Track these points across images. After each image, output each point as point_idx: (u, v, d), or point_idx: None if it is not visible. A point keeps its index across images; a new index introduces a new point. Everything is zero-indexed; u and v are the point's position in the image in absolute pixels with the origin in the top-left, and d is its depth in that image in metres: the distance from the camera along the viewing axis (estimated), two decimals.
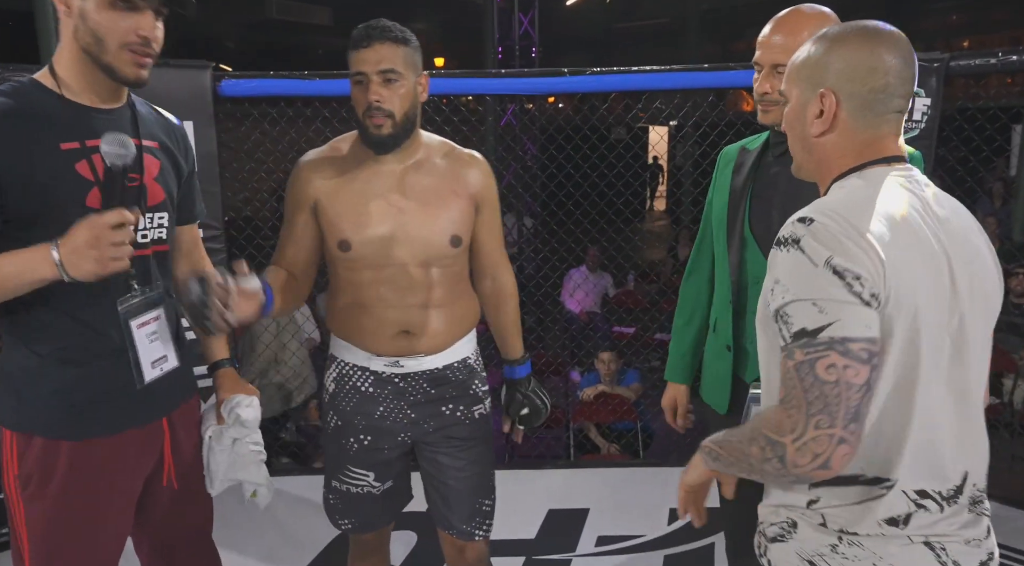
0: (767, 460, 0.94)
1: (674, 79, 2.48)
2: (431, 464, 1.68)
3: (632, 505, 2.59)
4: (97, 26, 1.17)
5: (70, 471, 1.26)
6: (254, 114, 2.83)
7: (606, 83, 2.50)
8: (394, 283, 1.54)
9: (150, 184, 1.32)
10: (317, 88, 2.52)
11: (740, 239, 1.53)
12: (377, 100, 1.45)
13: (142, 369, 1.30)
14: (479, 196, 1.61)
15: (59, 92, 1.23)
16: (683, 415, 1.82)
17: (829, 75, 1.01)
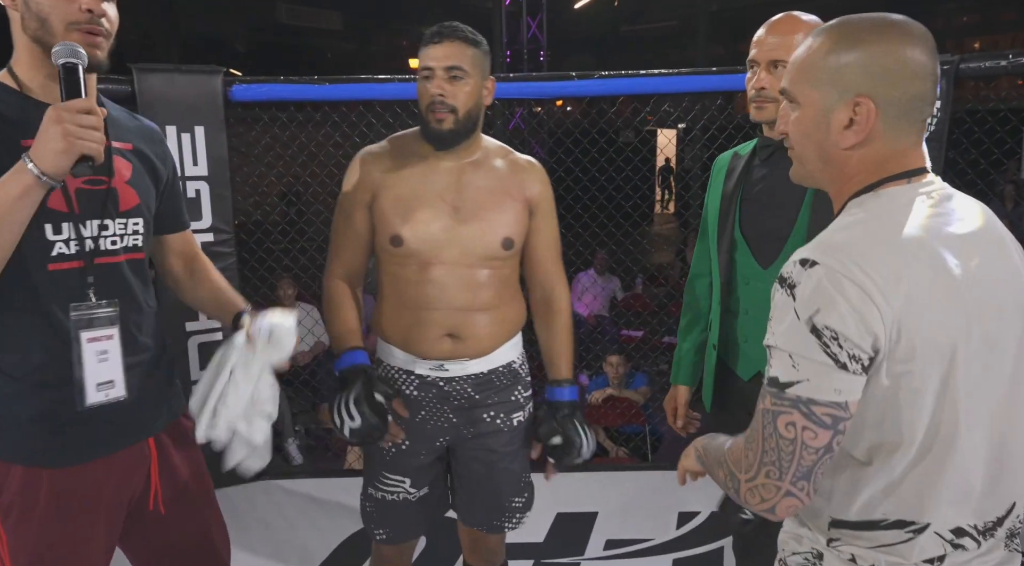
0: (728, 487, 0.97)
1: (683, 82, 2.48)
2: (464, 466, 1.68)
3: (641, 509, 2.58)
4: (39, 8, 1.13)
5: (53, 499, 1.20)
6: (264, 119, 2.85)
7: (614, 87, 2.51)
8: (442, 283, 1.53)
9: (121, 187, 1.26)
10: (327, 93, 2.53)
11: (730, 240, 1.57)
12: (441, 94, 1.47)
13: (85, 390, 1.19)
14: (534, 201, 1.60)
15: (18, 90, 1.18)
16: (682, 416, 1.82)
17: (864, 79, 0.89)
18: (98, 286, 1.21)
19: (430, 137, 1.52)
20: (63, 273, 1.18)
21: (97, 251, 1.21)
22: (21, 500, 1.19)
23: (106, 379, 1.21)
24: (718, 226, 1.61)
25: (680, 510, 2.57)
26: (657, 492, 2.68)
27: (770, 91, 1.47)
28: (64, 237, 1.18)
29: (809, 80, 0.93)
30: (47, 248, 1.17)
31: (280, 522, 2.51)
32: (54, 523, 1.20)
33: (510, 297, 1.62)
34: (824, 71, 0.92)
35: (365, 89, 2.59)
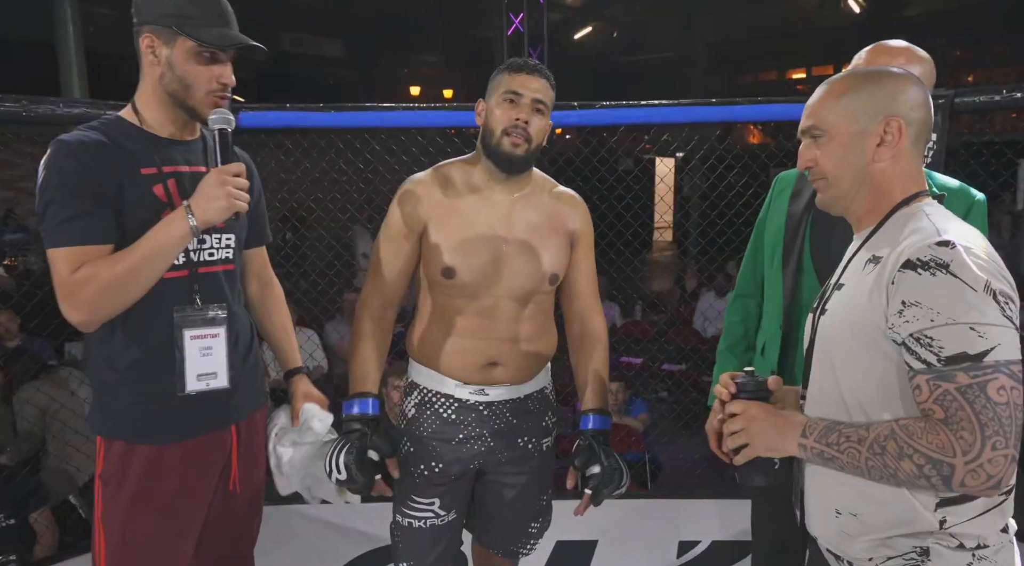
0: (923, 477, 0.95)
1: (682, 113, 2.51)
2: (488, 489, 1.69)
3: (641, 537, 2.56)
4: (185, 75, 1.34)
5: (145, 473, 1.38)
6: (269, 145, 2.88)
7: (615, 117, 2.55)
8: (489, 314, 1.56)
9: None
10: (332, 120, 2.57)
11: (797, 265, 1.53)
12: (526, 120, 1.51)
13: (185, 379, 1.38)
14: (576, 236, 1.64)
15: (140, 126, 1.38)
16: None
17: (892, 103, 1.07)
18: (202, 292, 1.41)
19: (499, 159, 1.53)
20: (172, 281, 1.37)
21: (199, 262, 1.41)
22: (118, 473, 1.38)
23: (208, 371, 1.41)
24: (783, 249, 1.56)
25: (680, 539, 2.55)
26: (657, 521, 2.66)
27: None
28: None
29: (835, 111, 1.10)
30: None
31: (277, 547, 2.49)
32: (144, 494, 1.38)
33: (548, 329, 1.67)
34: (852, 102, 1.09)
35: (369, 117, 2.62)
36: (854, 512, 1.06)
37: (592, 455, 1.57)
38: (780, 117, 2.52)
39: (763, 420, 1.10)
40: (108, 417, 1.39)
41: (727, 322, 1.78)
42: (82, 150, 1.29)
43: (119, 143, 1.34)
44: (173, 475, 1.40)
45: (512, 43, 7.65)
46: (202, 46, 1.32)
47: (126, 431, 1.38)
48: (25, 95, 2.18)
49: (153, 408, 1.38)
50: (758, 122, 2.49)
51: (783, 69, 15.96)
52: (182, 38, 1.32)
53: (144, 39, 1.34)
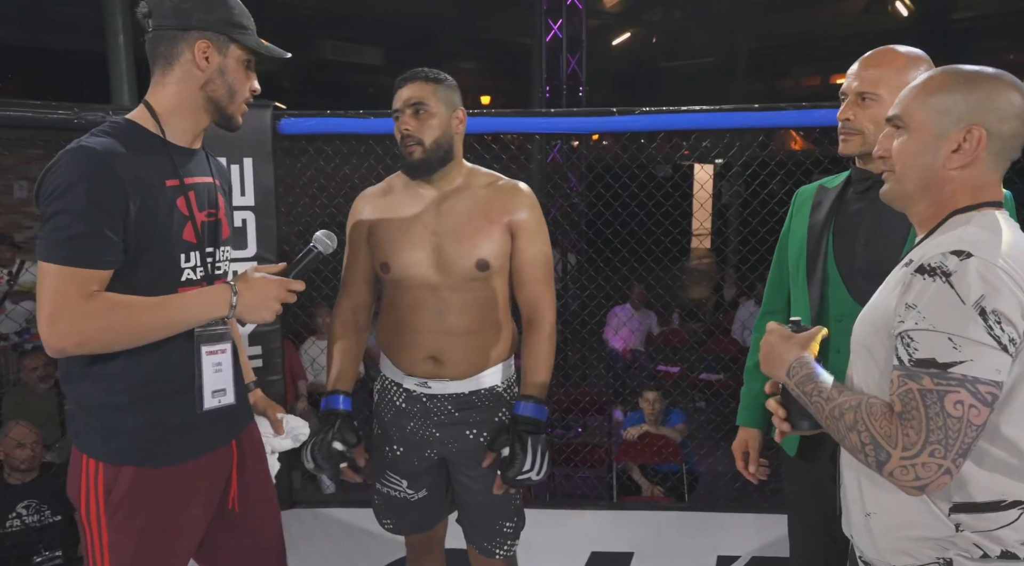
0: (861, 452, 0.99)
1: (724, 119, 2.48)
2: (456, 481, 1.78)
3: (678, 550, 2.52)
4: (233, 82, 1.34)
5: (158, 495, 1.32)
6: (310, 151, 2.91)
7: (655, 122, 2.52)
8: (426, 306, 1.64)
9: (223, 219, 1.43)
10: (372, 126, 2.59)
11: (822, 276, 1.51)
12: (407, 129, 1.60)
13: (203, 396, 1.35)
14: (515, 224, 1.66)
15: (160, 134, 1.32)
16: (755, 460, 1.70)
17: (979, 112, 1.04)
18: None
19: (405, 168, 1.67)
20: None
21: (211, 275, 1.39)
22: (129, 499, 1.30)
23: (220, 387, 1.38)
24: (807, 261, 1.55)
25: (719, 553, 2.49)
26: (695, 534, 2.61)
27: (855, 123, 1.44)
28: (192, 264, 1.34)
29: (924, 107, 1.07)
30: (179, 275, 1.32)
31: (312, 551, 2.51)
32: (155, 517, 1.32)
33: (492, 323, 1.68)
34: (942, 101, 1.05)
35: None
36: (876, 511, 1.09)
37: (506, 438, 1.62)
38: (825, 123, 2.46)
39: (776, 344, 1.17)
40: (114, 440, 1.30)
41: (754, 340, 1.74)
42: (111, 159, 1.20)
43: (143, 152, 1.27)
44: (183, 496, 1.35)
45: (550, 49, 7.63)
46: (252, 55, 1.35)
47: (136, 455, 1.30)
48: (77, 103, 2.24)
49: (169, 427, 1.33)
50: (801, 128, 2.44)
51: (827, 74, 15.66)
52: (236, 46, 1.32)
53: (200, 44, 1.29)
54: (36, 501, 2.80)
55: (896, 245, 1.44)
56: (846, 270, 1.49)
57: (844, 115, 1.46)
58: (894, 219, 1.43)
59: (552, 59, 7.54)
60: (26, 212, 10.17)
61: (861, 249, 1.47)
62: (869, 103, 1.43)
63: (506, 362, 1.73)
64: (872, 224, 1.46)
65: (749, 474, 1.72)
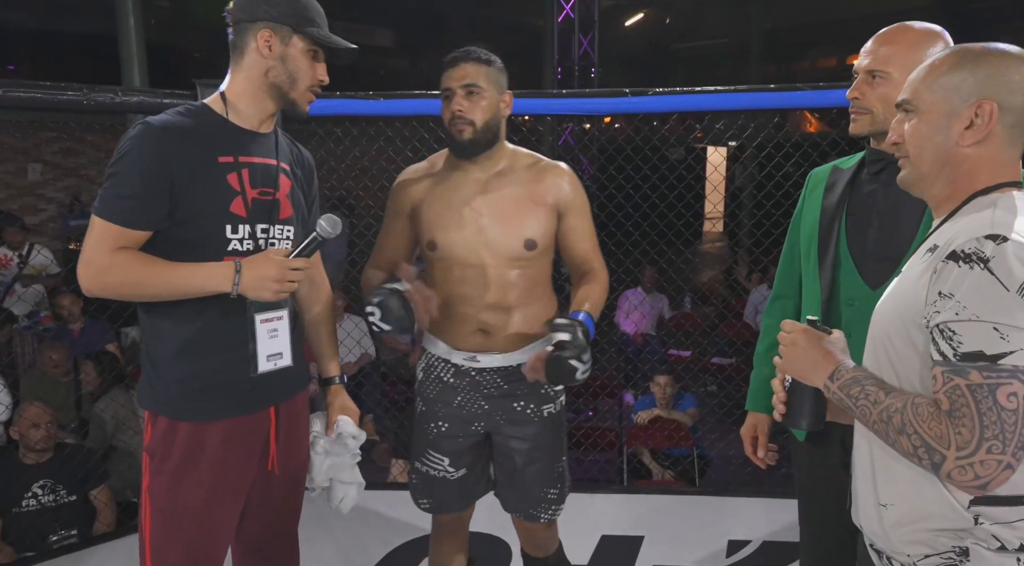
0: (915, 456, 0.96)
1: (739, 100, 2.43)
2: (501, 451, 1.80)
3: (689, 535, 2.51)
4: (296, 70, 1.42)
5: (187, 450, 1.42)
6: (319, 133, 2.90)
7: (669, 103, 2.48)
8: (474, 282, 1.67)
9: (282, 200, 1.49)
10: (381, 108, 2.57)
11: (834, 258, 1.49)
12: (459, 110, 1.63)
13: (258, 360, 1.43)
14: (561, 203, 1.71)
15: (225, 116, 1.44)
16: (763, 445, 1.70)
17: (989, 86, 1.01)
18: None
19: (453, 148, 1.68)
20: None
21: (261, 249, 1.44)
22: (162, 447, 1.43)
23: (275, 352, 1.46)
24: (819, 243, 1.52)
25: (730, 538, 2.49)
26: (706, 518, 2.61)
27: (864, 102, 1.41)
28: (240, 236, 1.42)
29: (932, 88, 1.05)
30: (225, 244, 1.40)
31: (323, 534, 2.52)
32: (186, 469, 1.43)
33: (539, 297, 1.73)
34: (949, 80, 1.03)
35: (417, 104, 2.62)
36: (891, 503, 1.06)
37: (567, 325, 1.56)
38: (841, 103, 2.41)
39: (805, 347, 1.12)
40: (154, 392, 1.44)
41: (764, 325, 1.74)
42: (163, 135, 1.35)
43: (203, 130, 1.40)
44: (213, 452, 1.44)
45: (563, 31, 7.54)
46: (316, 46, 1.43)
47: (170, 408, 1.43)
48: (86, 84, 2.23)
49: (196, 387, 1.42)
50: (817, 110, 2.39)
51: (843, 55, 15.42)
52: (298, 36, 1.41)
53: (262, 34, 1.40)
54: (52, 481, 2.83)
55: (910, 228, 1.41)
56: (858, 253, 1.46)
57: (853, 94, 1.43)
58: (908, 202, 1.39)
59: (564, 40, 7.45)
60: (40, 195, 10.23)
61: (874, 232, 1.45)
62: (879, 82, 1.40)
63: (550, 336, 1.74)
64: (886, 206, 1.43)
65: (757, 459, 1.71)
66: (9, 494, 2.77)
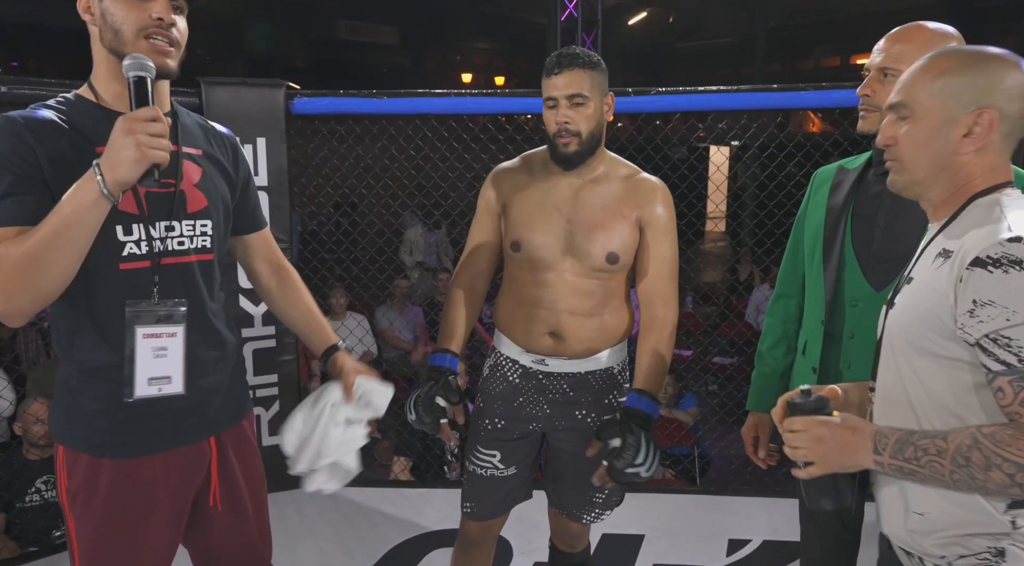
0: (1016, 486, 0.91)
1: (742, 99, 2.44)
2: (553, 452, 1.79)
3: (689, 533, 2.52)
4: (114, 19, 1.19)
5: (113, 488, 1.25)
6: (323, 131, 2.90)
7: (672, 103, 2.48)
8: (551, 287, 1.65)
9: (190, 190, 1.29)
10: (386, 106, 2.57)
11: (839, 259, 1.49)
12: (566, 122, 1.57)
13: (134, 383, 1.22)
14: (645, 220, 1.65)
15: (95, 101, 1.24)
16: (764, 446, 1.70)
17: (992, 95, 1.00)
18: (163, 285, 1.24)
19: (558, 160, 1.63)
20: (132, 272, 1.22)
21: (165, 252, 1.25)
22: (85, 488, 1.24)
23: (161, 374, 1.24)
24: (823, 243, 1.52)
25: (730, 537, 2.49)
26: (706, 517, 2.61)
27: (874, 99, 1.41)
28: (135, 238, 1.22)
29: (929, 92, 1.03)
30: (119, 248, 1.21)
31: (326, 530, 2.53)
32: (113, 511, 1.25)
33: (615, 308, 1.69)
34: (948, 85, 1.01)
35: (421, 103, 2.62)
36: (925, 511, 1.03)
37: (616, 429, 1.52)
38: (844, 103, 2.42)
39: (831, 439, 1.03)
40: (72, 425, 1.25)
41: (767, 323, 1.73)
42: (24, 127, 1.16)
43: (72, 120, 1.20)
44: (144, 491, 1.26)
45: (566, 29, 7.54)
46: None
47: (91, 443, 1.24)
48: (67, 79, 2.22)
49: (120, 417, 1.24)
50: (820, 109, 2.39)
51: (847, 54, 15.39)
52: None
53: (80, 2, 1.21)
54: (54, 476, 2.85)
55: (916, 230, 1.41)
56: (863, 254, 1.46)
57: (863, 91, 1.44)
58: (914, 203, 1.40)
59: (567, 39, 7.46)
60: None
61: (880, 233, 1.45)
62: (890, 79, 1.40)
63: (621, 345, 1.73)
64: (892, 207, 1.44)
65: (758, 459, 1.71)
66: (12, 489, 2.79)
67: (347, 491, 2.74)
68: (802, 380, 1.59)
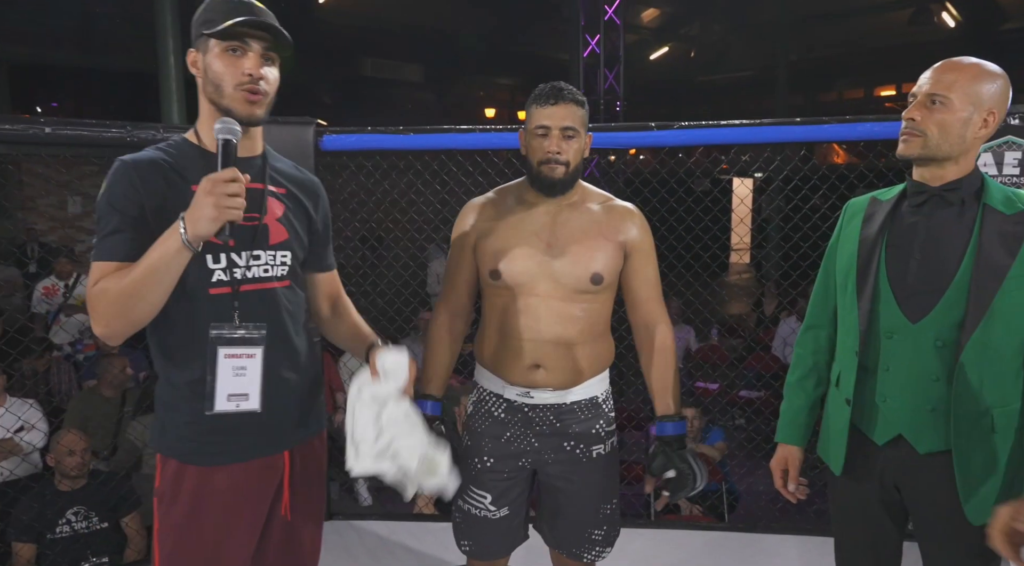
0: None
1: (766, 133, 2.45)
2: (545, 489, 1.77)
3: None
4: (215, 75, 1.34)
5: (195, 493, 1.38)
6: (351, 167, 2.96)
7: (695, 137, 2.50)
8: (535, 314, 1.65)
9: (272, 224, 1.43)
10: (412, 142, 2.62)
11: (873, 290, 1.48)
12: (558, 151, 1.63)
13: (215, 398, 1.35)
14: (630, 244, 1.70)
15: (198, 144, 1.41)
16: (794, 479, 1.67)
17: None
18: (244, 310, 1.38)
19: (542, 185, 1.66)
20: (218, 297, 1.36)
21: (246, 279, 1.39)
22: (171, 489, 1.39)
23: (240, 392, 1.37)
24: (857, 274, 1.51)
25: None
26: (735, 555, 2.56)
27: (920, 125, 1.42)
28: (222, 266, 1.36)
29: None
30: (208, 275, 1.35)
31: (350, 563, 2.52)
32: (194, 512, 1.38)
33: (598, 335, 1.70)
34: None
35: (447, 139, 2.67)
36: None
37: (666, 461, 1.64)
38: (869, 136, 2.42)
39: None
40: (164, 435, 1.40)
41: (796, 354, 1.71)
42: (132, 169, 1.32)
43: (175, 162, 1.37)
44: (223, 497, 1.38)
45: (588, 65, 7.65)
46: (221, 40, 1.33)
47: (179, 450, 1.38)
48: (130, 121, 2.33)
49: (204, 428, 1.37)
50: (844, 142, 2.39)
51: (870, 86, 15.38)
52: (208, 41, 1.34)
53: (189, 57, 1.38)
54: (84, 507, 2.88)
55: (952, 260, 1.40)
56: (898, 285, 1.46)
57: (911, 115, 1.44)
58: (952, 234, 1.41)
59: (590, 74, 7.56)
60: (79, 227, 10.52)
61: (916, 264, 1.44)
62: (938, 107, 1.41)
63: (605, 373, 1.76)
64: (928, 239, 1.43)
65: (788, 493, 1.68)
66: (44, 520, 2.82)
67: (371, 525, 2.73)
68: (836, 412, 1.57)
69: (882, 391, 1.48)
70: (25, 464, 3.44)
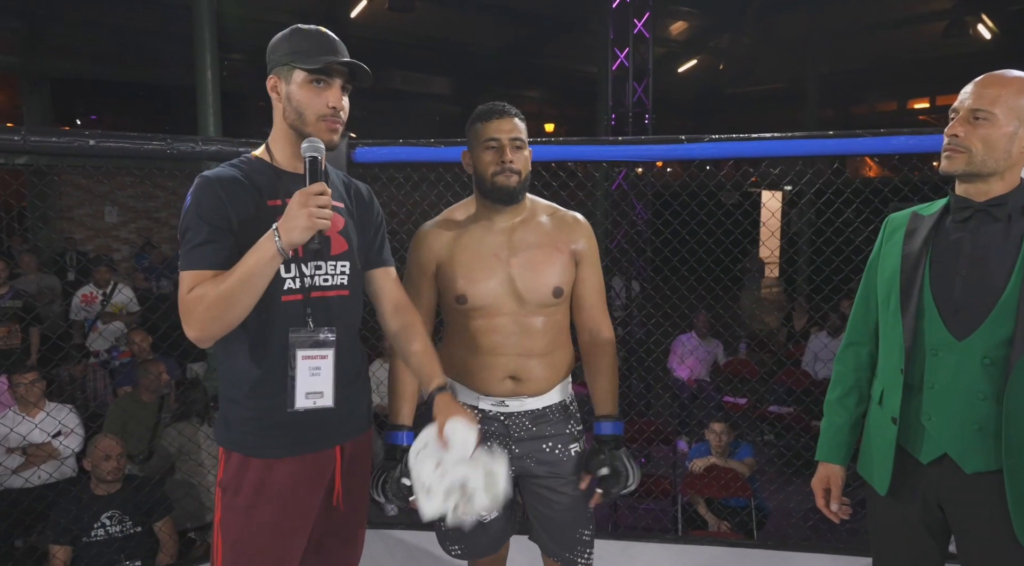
0: None
1: (797, 146, 2.43)
2: (534, 497, 1.83)
3: None
4: (299, 104, 1.45)
5: (258, 483, 1.48)
6: (382, 178, 3.00)
7: (725, 150, 2.49)
8: (504, 331, 1.73)
9: (334, 236, 1.53)
10: (443, 154, 2.65)
11: (917, 306, 1.46)
12: (511, 160, 1.71)
13: (295, 396, 1.47)
14: (579, 253, 1.79)
15: (270, 162, 1.52)
16: (837, 498, 1.64)
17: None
18: (315, 315, 1.49)
19: (499, 195, 1.72)
20: (290, 304, 1.48)
21: (313, 286, 1.50)
22: (234, 482, 1.49)
23: (316, 390, 1.49)
24: (900, 290, 1.50)
25: None
26: None
27: (964, 141, 1.41)
28: (292, 275, 1.48)
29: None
30: (280, 284, 1.46)
31: None
32: (256, 502, 1.48)
33: (562, 343, 1.81)
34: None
35: None
36: None
37: (601, 459, 1.74)
38: (904, 150, 2.39)
39: None
40: (229, 430, 1.51)
41: (836, 372, 1.69)
42: (217, 184, 1.44)
43: (251, 178, 1.48)
44: (282, 488, 1.49)
45: (617, 78, 7.65)
46: (309, 73, 1.44)
47: (243, 444, 1.49)
48: (170, 134, 2.39)
49: (267, 424, 1.48)
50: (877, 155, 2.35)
51: (903, 99, 15.16)
52: (294, 70, 1.45)
53: (270, 81, 1.48)
54: (119, 512, 2.94)
55: (1000, 276, 1.38)
56: (943, 302, 1.44)
57: (953, 131, 1.43)
58: (999, 249, 1.39)
59: (618, 87, 7.56)
60: (115, 236, 10.77)
61: (961, 280, 1.43)
62: (981, 122, 1.40)
63: (568, 378, 1.86)
64: (974, 255, 1.42)
65: (831, 512, 1.65)
66: (80, 523, 2.88)
67: (399, 533, 2.74)
68: (880, 431, 1.54)
69: (927, 409, 1.46)
70: (63, 468, 3.52)
